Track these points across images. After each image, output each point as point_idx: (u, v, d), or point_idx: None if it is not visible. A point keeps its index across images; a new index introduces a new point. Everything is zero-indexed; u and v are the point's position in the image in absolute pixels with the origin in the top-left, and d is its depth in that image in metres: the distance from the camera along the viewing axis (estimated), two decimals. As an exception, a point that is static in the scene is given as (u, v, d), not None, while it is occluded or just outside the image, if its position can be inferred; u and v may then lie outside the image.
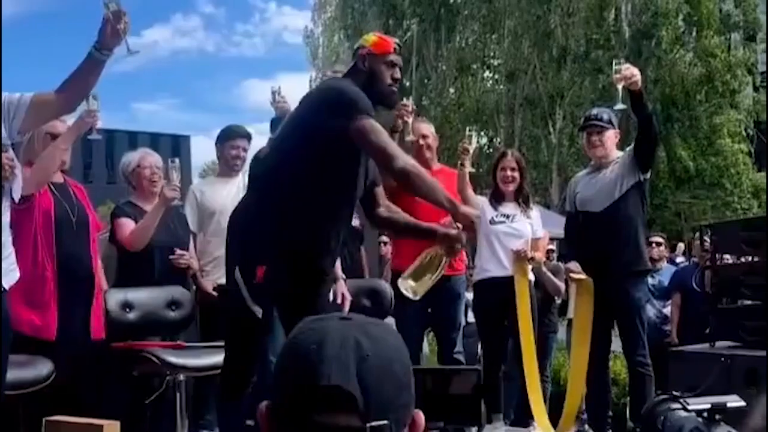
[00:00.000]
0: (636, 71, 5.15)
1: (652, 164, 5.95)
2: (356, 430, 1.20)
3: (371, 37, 4.06)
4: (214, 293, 5.57)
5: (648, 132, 5.50)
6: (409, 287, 3.95)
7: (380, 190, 4.29)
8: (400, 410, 1.26)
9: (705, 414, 3.46)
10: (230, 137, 5.82)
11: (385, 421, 1.22)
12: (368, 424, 1.20)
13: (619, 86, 5.11)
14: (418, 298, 4.06)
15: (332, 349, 1.23)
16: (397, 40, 4.10)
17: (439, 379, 4.57)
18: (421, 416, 1.32)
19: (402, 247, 5.72)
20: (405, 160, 3.70)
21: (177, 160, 5.51)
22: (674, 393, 3.70)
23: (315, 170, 3.73)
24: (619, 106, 5.24)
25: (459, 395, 4.45)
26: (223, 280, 5.55)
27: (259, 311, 3.79)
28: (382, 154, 3.69)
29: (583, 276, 5.50)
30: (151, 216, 5.28)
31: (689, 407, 3.54)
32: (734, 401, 3.50)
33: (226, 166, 5.83)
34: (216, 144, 5.91)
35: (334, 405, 1.20)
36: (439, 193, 3.76)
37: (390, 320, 5.63)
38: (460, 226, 3.87)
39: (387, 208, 4.30)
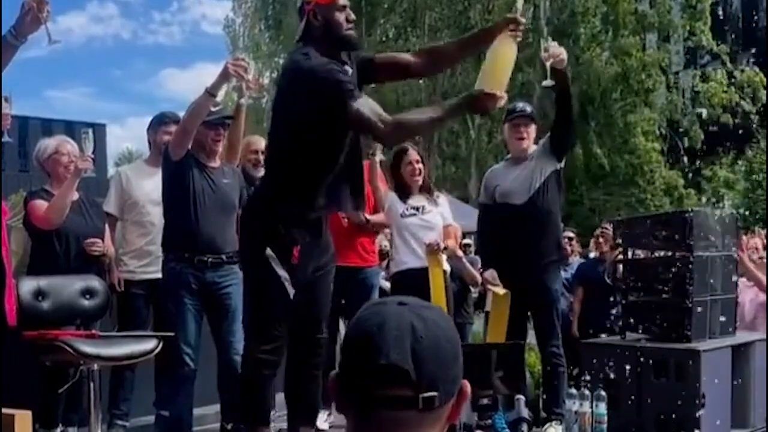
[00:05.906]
0: (563, 51, 5.22)
1: (567, 151, 6.07)
2: (409, 399, 1.42)
3: None
4: (119, 288, 5.50)
5: (566, 108, 5.65)
6: (490, 89, 3.85)
7: (381, 57, 4.43)
8: (449, 383, 1.46)
9: None
10: (163, 122, 5.67)
11: (435, 393, 1.43)
12: (420, 395, 1.42)
13: (548, 64, 5.16)
14: (504, 97, 3.93)
15: (391, 331, 1.42)
16: None
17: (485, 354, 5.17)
18: (467, 386, 1.51)
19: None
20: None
21: (90, 131, 5.41)
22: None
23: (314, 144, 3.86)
24: (547, 82, 5.26)
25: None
26: (146, 275, 5.50)
27: (292, 292, 3.74)
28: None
29: (500, 290, 5.58)
30: (65, 190, 5.19)
31: None
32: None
33: (157, 153, 5.59)
34: (148, 130, 5.78)
35: (391, 379, 1.41)
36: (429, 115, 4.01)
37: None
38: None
39: (415, 55, 4.26)
